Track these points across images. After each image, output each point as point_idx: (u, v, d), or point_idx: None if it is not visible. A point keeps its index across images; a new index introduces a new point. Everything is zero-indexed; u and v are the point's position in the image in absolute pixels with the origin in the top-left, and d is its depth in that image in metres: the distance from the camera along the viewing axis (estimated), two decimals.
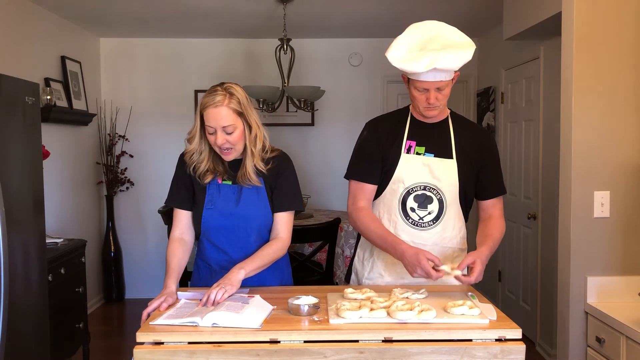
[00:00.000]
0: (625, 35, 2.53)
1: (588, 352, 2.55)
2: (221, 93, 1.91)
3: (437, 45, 1.94)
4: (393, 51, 1.99)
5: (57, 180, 4.43)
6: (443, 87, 2.00)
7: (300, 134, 5.44)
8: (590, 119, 2.55)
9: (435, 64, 1.90)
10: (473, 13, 4.47)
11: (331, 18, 4.60)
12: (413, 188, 2.11)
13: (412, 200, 2.11)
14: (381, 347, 1.54)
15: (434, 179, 2.10)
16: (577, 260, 2.59)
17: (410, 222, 2.11)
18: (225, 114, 1.90)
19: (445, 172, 2.09)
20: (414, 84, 2.02)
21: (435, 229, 2.11)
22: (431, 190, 2.10)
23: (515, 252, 4.47)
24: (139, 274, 5.46)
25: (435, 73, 1.94)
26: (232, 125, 1.91)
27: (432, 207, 2.10)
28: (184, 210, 2.09)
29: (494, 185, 2.16)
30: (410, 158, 2.11)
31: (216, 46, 5.38)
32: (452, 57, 1.92)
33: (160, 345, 1.54)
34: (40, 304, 2.76)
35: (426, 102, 2.03)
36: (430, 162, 2.10)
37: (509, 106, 4.60)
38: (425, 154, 2.11)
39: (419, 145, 2.12)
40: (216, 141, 1.93)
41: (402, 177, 2.11)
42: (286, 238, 2.05)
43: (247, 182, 2.02)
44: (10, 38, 3.79)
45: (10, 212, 2.42)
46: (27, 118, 2.64)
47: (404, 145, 2.12)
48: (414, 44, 1.98)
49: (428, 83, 1.98)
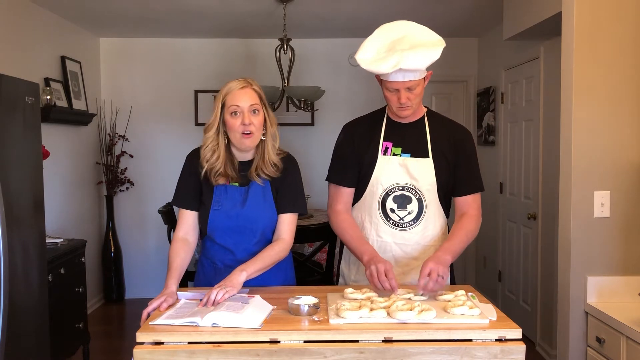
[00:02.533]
0: (625, 35, 2.53)
1: (588, 352, 2.55)
2: (244, 79, 2.00)
3: (406, 46, 1.95)
4: (362, 53, 2.01)
5: (57, 180, 4.43)
6: (413, 87, 2.01)
7: (300, 134, 5.44)
8: (590, 119, 2.55)
9: (400, 64, 1.91)
10: (473, 13, 4.47)
11: (331, 18, 4.60)
12: (391, 189, 2.12)
13: (392, 201, 2.12)
14: (381, 347, 1.54)
15: (412, 179, 2.11)
16: (577, 260, 2.59)
17: (391, 223, 2.13)
18: (251, 94, 1.98)
19: (422, 171, 2.10)
20: (385, 85, 2.04)
21: (416, 228, 2.13)
22: (409, 190, 2.11)
23: (515, 252, 4.47)
24: (139, 274, 5.46)
25: (404, 73, 1.96)
26: (257, 104, 1.98)
27: (411, 207, 2.11)
28: (189, 210, 2.09)
29: (468, 182, 2.16)
30: (387, 159, 2.12)
31: (216, 46, 5.37)
32: (418, 57, 1.92)
33: (160, 345, 1.54)
34: (40, 304, 2.76)
35: (398, 102, 2.04)
36: (407, 163, 2.11)
37: (509, 106, 4.60)
38: (402, 154, 2.13)
39: (396, 146, 2.14)
40: (243, 120, 1.94)
41: (380, 178, 2.12)
42: (289, 240, 2.05)
43: (261, 174, 2.01)
44: (10, 38, 3.79)
45: (10, 212, 2.42)
46: (27, 118, 2.64)
47: (380, 147, 2.14)
48: (383, 45, 1.99)
49: (397, 83, 1.99)
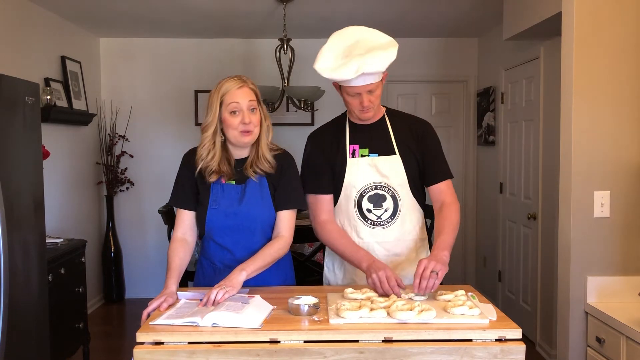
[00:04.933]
0: (626, 35, 2.53)
1: (588, 352, 2.55)
2: (239, 78, 2.03)
3: (362, 50, 1.99)
4: (320, 62, 2.05)
5: (57, 180, 4.43)
6: (374, 89, 2.05)
7: (300, 134, 5.40)
8: (590, 119, 2.55)
9: (363, 68, 1.94)
10: (473, 13, 4.47)
11: (331, 18, 4.60)
12: (365, 190, 2.15)
13: (367, 202, 2.15)
14: (381, 347, 1.54)
15: (383, 177, 2.14)
16: (577, 260, 2.59)
17: (369, 223, 2.15)
18: (249, 93, 2.01)
19: (391, 168, 2.14)
20: (346, 90, 2.07)
21: (394, 225, 2.15)
22: (382, 189, 2.14)
23: (515, 252, 4.47)
24: (139, 274, 5.46)
25: (365, 77, 1.99)
26: (255, 101, 2.01)
27: (386, 204, 2.14)
28: (187, 210, 2.09)
29: (436, 170, 2.17)
30: (356, 161, 2.15)
31: (216, 46, 5.37)
32: (377, 60, 1.96)
33: (160, 345, 1.54)
34: (40, 304, 2.76)
35: (360, 106, 2.08)
36: (376, 162, 2.14)
37: (509, 106, 4.60)
38: (370, 154, 2.16)
39: (362, 147, 2.17)
40: (243, 119, 1.97)
41: (353, 181, 2.15)
42: (288, 236, 2.05)
43: (256, 169, 2.02)
44: (10, 38, 3.79)
45: (10, 212, 2.42)
46: (27, 118, 2.64)
47: (348, 151, 2.17)
48: (339, 51, 2.04)
49: (358, 87, 2.02)
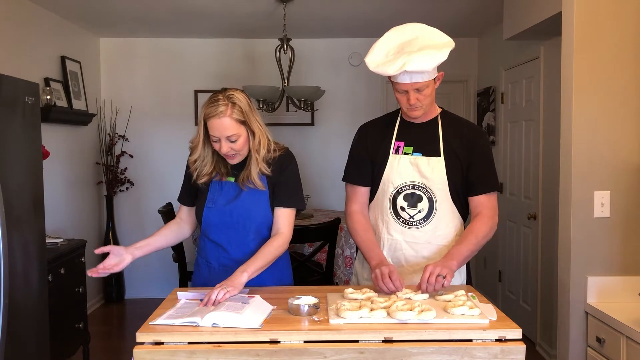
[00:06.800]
0: (625, 35, 2.53)
1: (588, 352, 2.55)
2: (223, 103, 1.91)
3: (414, 48, 1.97)
4: (371, 55, 2.03)
5: (57, 180, 4.43)
6: (422, 88, 2.02)
7: (300, 134, 5.44)
8: (590, 119, 2.55)
9: (406, 66, 1.92)
10: (473, 13, 4.47)
11: (331, 18, 4.60)
12: (402, 187, 2.13)
13: (402, 200, 2.13)
14: (381, 347, 1.54)
15: (423, 178, 2.12)
16: (577, 260, 2.59)
17: (401, 221, 2.14)
18: (228, 124, 1.91)
19: (433, 170, 2.11)
20: (395, 86, 2.06)
21: (426, 227, 2.13)
22: (420, 189, 2.12)
23: (515, 252, 4.47)
24: (139, 274, 5.45)
25: (411, 75, 1.97)
26: (235, 134, 1.93)
27: (422, 205, 2.12)
28: (189, 207, 2.20)
29: (481, 182, 2.14)
30: (398, 158, 2.14)
31: (216, 46, 5.37)
32: (423, 59, 1.93)
33: (160, 345, 1.54)
34: (40, 304, 2.76)
35: (407, 103, 2.06)
36: (418, 161, 2.12)
37: (509, 106, 4.60)
38: (414, 153, 2.14)
39: (407, 145, 2.15)
40: (221, 149, 1.96)
41: (391, 177, 2.14)
42: (287, 234, 2.05)
43: (249, 185, 2.03)
44: (10, 38, 3.79)
45: (10, 212, 2.42)
46: (27, 118, 2.64)
47: (392, 146, 2.16)
48: (392, 47, 2.02)
49: (405, 85, 2.01)
